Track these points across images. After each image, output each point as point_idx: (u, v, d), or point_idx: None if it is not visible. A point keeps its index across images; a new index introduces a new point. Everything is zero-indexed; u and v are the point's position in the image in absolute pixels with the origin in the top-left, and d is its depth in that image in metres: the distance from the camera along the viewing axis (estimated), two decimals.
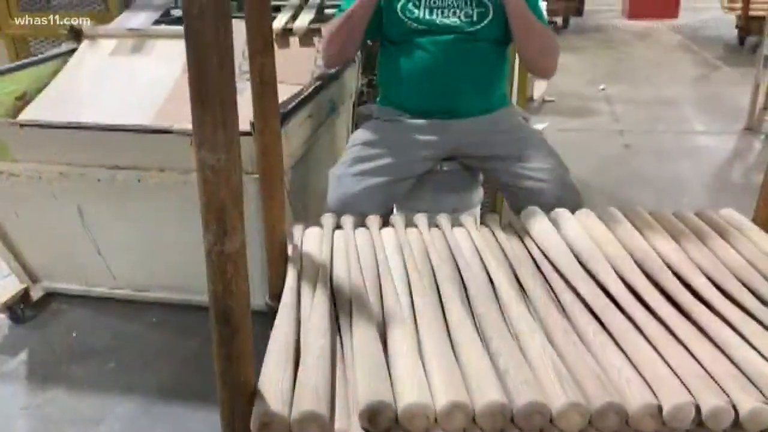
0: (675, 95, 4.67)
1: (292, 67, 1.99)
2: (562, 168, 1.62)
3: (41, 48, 2.83)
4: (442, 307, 1.00)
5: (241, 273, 0.73)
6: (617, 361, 0.85)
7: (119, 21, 2.50)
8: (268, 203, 1.16)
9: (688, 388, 0.79)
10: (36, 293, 2.09)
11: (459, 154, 1.72)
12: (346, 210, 1.45)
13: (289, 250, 1.23)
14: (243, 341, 0.76)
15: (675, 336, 0.90)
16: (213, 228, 0.69)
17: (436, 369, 0.82)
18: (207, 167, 0.66)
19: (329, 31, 1.68)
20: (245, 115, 0.85)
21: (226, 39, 0.61)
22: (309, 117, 1.77)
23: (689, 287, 1.02)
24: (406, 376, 0.81)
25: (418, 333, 0.92)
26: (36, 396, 1.73)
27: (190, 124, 0.65)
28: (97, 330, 1.99)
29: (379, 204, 1.57)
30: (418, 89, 1.67)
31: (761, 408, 0.76)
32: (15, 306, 2.02)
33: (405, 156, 1.64)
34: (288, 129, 1.57)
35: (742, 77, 4.95)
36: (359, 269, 1.12)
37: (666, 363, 0.84)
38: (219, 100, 0.64)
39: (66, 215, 1.81)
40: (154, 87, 2.13)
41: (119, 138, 1.62)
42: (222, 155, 0.66)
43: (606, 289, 1.02)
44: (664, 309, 0.96)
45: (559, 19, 7.19)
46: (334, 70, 1.91)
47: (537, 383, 0.80)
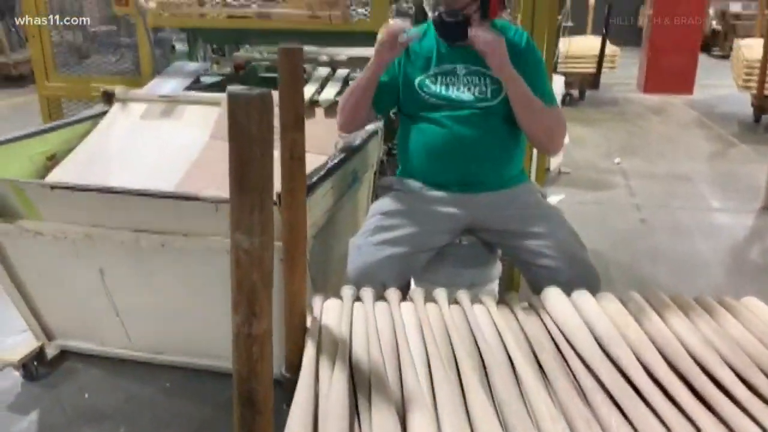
0: (690, 171, 4.68)
1: (317, 138, 2.03)
2: (580, 246, 1.63)
3: (74, 109, 2.92)
4: (462, 390, 0.99)
5: (267, 355, 0.73)
6: None
7: (151, 86, 2.58)
8: (290, 275, 1.16)
9: None
10: (51, 351, 2.09)
11: (477, 227, 1.73)
12: (365, 279, 1.46)
13: (308, 321, 1.23)
14: (265, 424, 0.75)
15: (697, 428, 0.88)
16: (243, 310, 0.70)
17: None
18: (241, 250, 0.68)
19: (341, 101, 1.81)
20: None
21: (268, 133, 0.63)
22: (332, 188, 1.80)
23: (712, 377, 1.00)
24: None
25: (438, 420, 0.91)
26: None
27: (215, 190, 0.67)
28: (110, 392, 1.98)
29: (398, 274, 1.58)
30: (434, 162, 1.71)
31: None
32: (29, 363, 2.02)
33: (424, 227, 1.66)
34: (312, 200, 1.59)
35: (757, 155, 4.97)
36: (378, 347, 1.11)
37: None
38: (259, 186, 0.66)
39: (87, 275, 1.83)
40: (181, 152, 2.19)
41: (146, 203, 1.64)
42: (256, 239, 0.68)
43: (627, 376, 1.01)
44: (685, 399, 0.94)
45: (576, 92, 7.33)
46: (358, 142, 1.96)
47: None
